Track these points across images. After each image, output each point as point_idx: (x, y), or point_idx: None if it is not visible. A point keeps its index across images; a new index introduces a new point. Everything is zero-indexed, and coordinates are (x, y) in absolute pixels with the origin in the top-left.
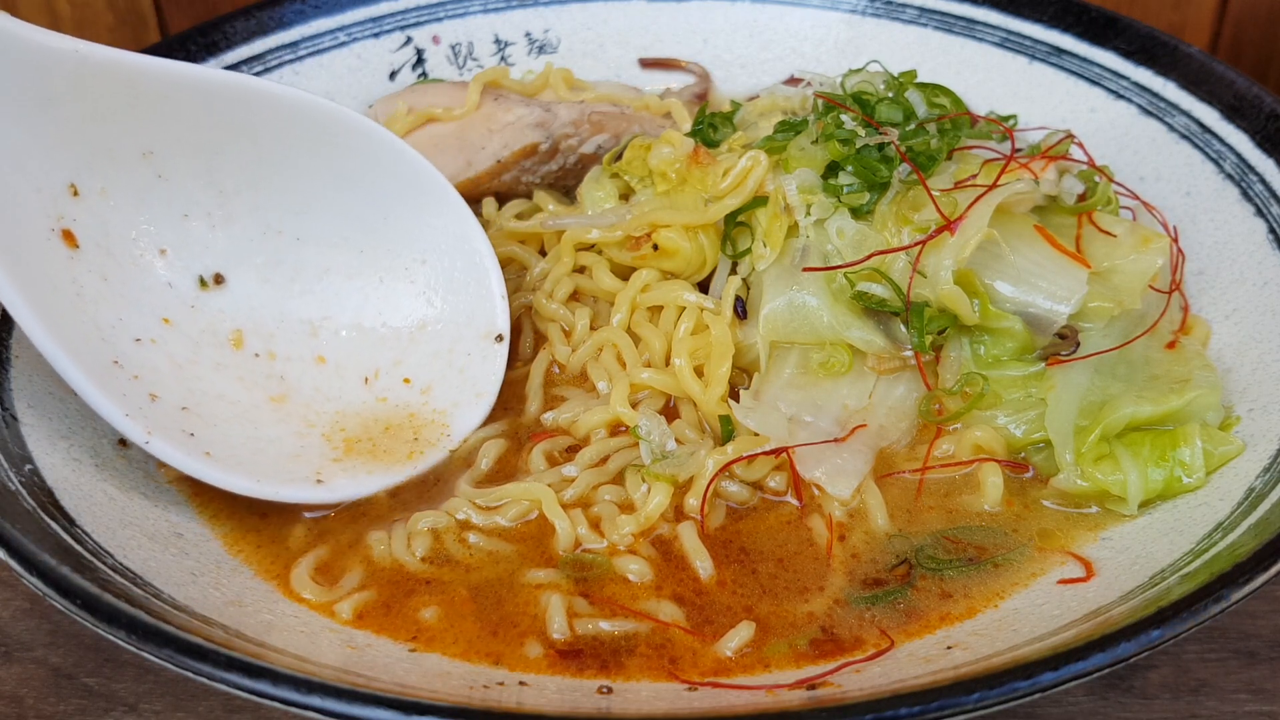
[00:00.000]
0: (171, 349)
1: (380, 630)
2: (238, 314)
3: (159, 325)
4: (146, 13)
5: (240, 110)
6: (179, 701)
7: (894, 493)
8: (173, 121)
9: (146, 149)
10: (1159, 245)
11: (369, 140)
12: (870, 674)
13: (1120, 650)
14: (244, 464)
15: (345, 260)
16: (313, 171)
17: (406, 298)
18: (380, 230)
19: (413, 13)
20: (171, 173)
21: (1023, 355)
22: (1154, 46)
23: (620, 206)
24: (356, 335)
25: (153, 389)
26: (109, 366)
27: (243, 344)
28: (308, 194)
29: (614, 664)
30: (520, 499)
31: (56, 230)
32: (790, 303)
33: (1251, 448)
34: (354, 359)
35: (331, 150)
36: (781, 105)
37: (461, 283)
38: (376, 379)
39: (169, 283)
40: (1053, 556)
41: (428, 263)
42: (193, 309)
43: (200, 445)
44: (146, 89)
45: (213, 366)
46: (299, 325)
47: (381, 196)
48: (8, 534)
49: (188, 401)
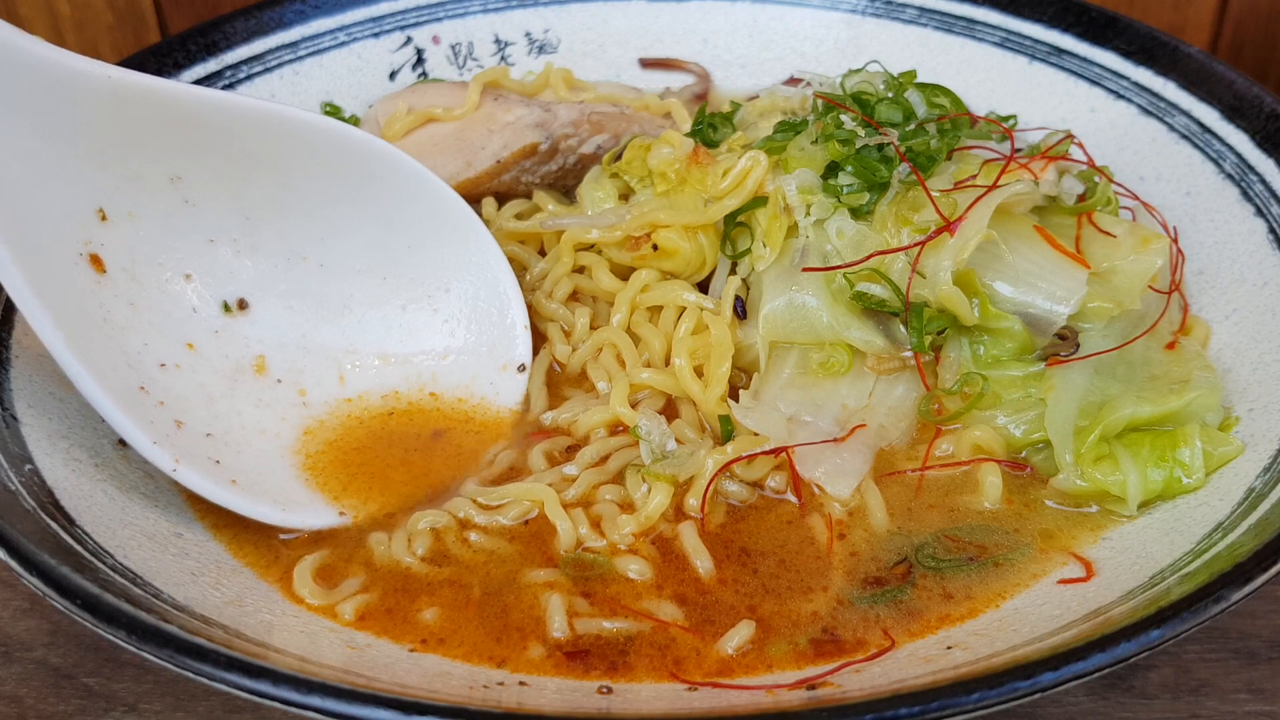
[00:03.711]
0: (196, 375)
1: (381, 631)
2: (261, 340)
3: (184, 351)
4: (146, 12)
5: (268, 137)
6: (179, 701)
7: (893, 492)
8: (201, 148)
9: (175, 174)
10: (1158, 246)
11: (395, 169)
12: (870, 674)
13: (1120, 650)
14: (269, 492)
15: (369, 288)
16: (338, 199)
17: (430, 327)
18: (404, 259)
19: (413, 13)
20: (199, 198)
21: (1022, 355)
22: (1154, 46)
23: (620, 207)
24: (379, 363)
25: (178, 415)
26: (136, 393)
27: (266, 370)
28: (332, 221)
29: (614, 664)
30: (522, 499)
31: (84, 255)
32: (790, 303)
33: (1251, 448)
34: (377, 387)
35: (357, 178)
36: (781, 105)
37: (485, 312)
38: (400, 407)
39: (194, 308)
40: (1053, 556)
41: (451, 291)
42: (217, 334)
43: (226, 473)
44: (177, 115)
45: (235, 392)
46: (322, 352)
47: (406, 225)
48: (8, 534)
49: (212, 428)
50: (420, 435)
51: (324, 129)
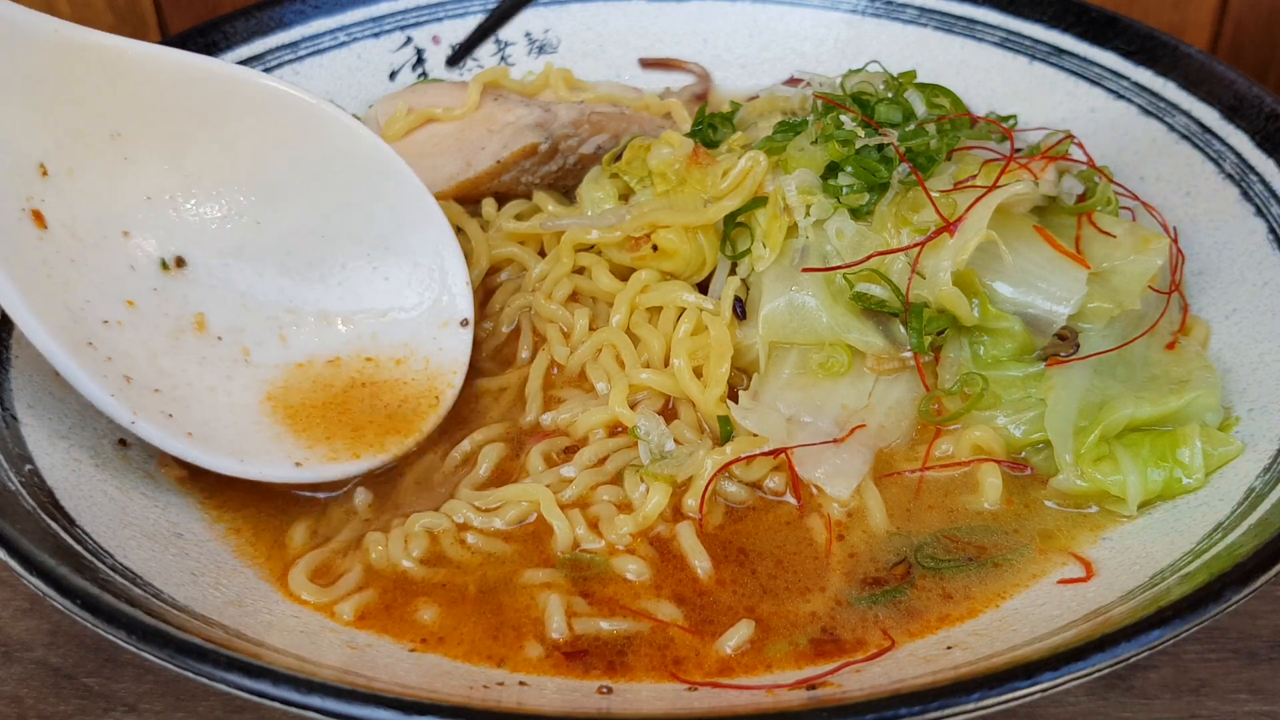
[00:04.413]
0: (139, 332)
1: (381, 631)
2: (201, 298)
3: (124, 308)
4: (146, 13)
5: (208, 96)
6: (179, 701)
7: (893, 493)
8: (143, 104)
9: (115, 131)
10: (1158, 246)
11: (334, 127)
12: (870, 674)
13: (1120, 650)
14: (225, 445)
15: (308, 247)
16: (277, 158)
17: (370, 285)
18: (344, 218)
19: (413, 13)
20: (138, 155)
21: (1022, 356)
22: (1154, 46)
23: (620, 207)
24: (321, 322)
25: (126, 371)
26: (85, 348)
27: (206, 327)
28: (271, 180)
29: (613, 664)
30: (518, 500)
31: (27, 211)
32: (789, 303)
33: (1251, 448)
34: (320, 344)
35: (296, 137)
36: (781, 106)
37: (425, 269)
38: (344, 365)
39: (132, 266)
40: (1053, 556)
41: (390, 249)
42: (155, 292)
43: (181, 426)
44: (120, 71)
45: (179, 350)
46: (261, 310)
47: (344, 184)
48: (8, 534)
49: (159, 384)
50: (366, 391)
51: (264, 88)
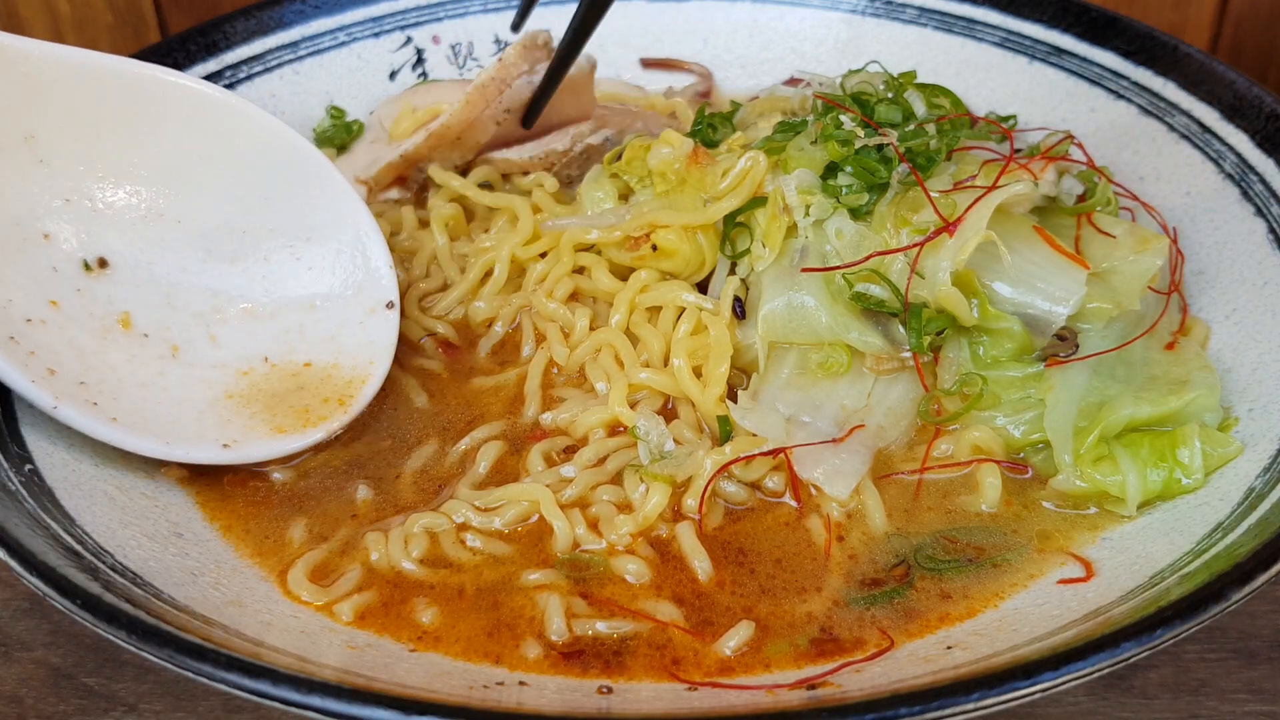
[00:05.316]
0: (64, 330)
1: (381, 631)
2: (125, 297)
3: (48, 308)
4: (146, 13)
5: (118, 94)
6: (179, 701)
7: (892, 493)
8: (54, 105)
9: (28, 133)
10: (1158, 246)
11: (247, 122)
12: (870, 674)
13: (1120, 650)
14: (151, 429)
15: (229, 242)
16: (192, 154)
17: (294, 276)
18: (262, 210)
19: (413, 13)
20: (52, 157)
21: (1021, 356)
22: (1154, 46)
23: (619, 207)
24: (247, 314)
25: (50, 365)
26: (7, 341)
27: (131, 325)
28: (188, 177)
29: (613, 664)
30: (518, 500)
31: None
32: (789, 303)
33: (1251, 448)
34: (247, 336)
35: (211, 133)
36: (781, 105)
37: (348, 256)
38: (272, 353)
39: (54, 267)
40: (1052, 557)
41: (312, 239)
42: (79, 293)
43: (106, 412)
44: (29, 72)
45: (104, 347)
46: (187, 305)
47: (261, 177)
48: (8, 534)
49: (85, 378)
50: (295, 377)
51: (176, 85)
